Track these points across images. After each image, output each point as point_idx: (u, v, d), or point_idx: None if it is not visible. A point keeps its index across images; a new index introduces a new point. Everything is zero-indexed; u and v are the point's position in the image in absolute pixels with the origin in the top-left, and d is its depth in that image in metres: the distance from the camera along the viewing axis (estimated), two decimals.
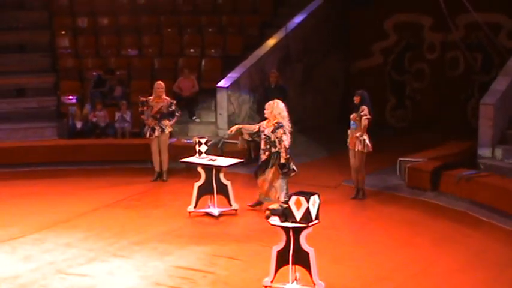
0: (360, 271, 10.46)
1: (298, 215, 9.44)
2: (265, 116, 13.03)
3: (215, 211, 12.88)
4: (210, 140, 13.65)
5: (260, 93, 17.55)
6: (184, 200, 13.32)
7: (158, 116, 14.97)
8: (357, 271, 10.46)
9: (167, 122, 15.06)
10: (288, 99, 16.74)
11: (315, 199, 9.46)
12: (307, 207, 9.38)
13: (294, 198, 9.44)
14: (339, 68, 20.34)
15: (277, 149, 12.76)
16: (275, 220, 9.56)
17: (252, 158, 16.34)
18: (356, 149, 13.50)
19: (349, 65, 20.43)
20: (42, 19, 20.51)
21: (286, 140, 12.72)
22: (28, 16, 20.46)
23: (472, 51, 18.51)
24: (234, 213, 12.97)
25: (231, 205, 13.03)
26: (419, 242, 11.62)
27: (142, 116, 15.24)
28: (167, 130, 15.09)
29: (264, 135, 12.87)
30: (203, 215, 12.89)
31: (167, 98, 15.18)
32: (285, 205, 9.56)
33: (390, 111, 19.99)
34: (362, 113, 13.37)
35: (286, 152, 12.70)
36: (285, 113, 12.96)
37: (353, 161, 13.67)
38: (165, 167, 15.17)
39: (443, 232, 12.08)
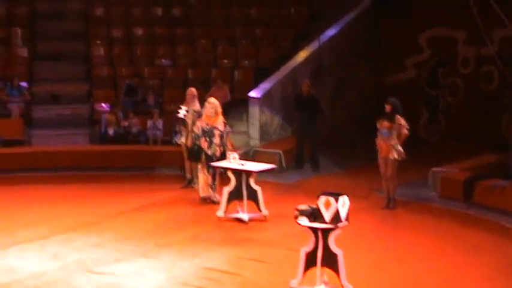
0: (388, 276, 10.21)
1: (327, 215, 9.23)
2: (210, 114, 13.56)
3: (245, 216, 12.69)
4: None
5: (292, 103, 17.35)
6: (214, 205, 13.18)
7: (184, 123, 14.81)
8: (385, 276, 10.21)
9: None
10: (320, 110, 16.67)
11: (344, 200, 9.26)
12: (337, 208, 9.18)
13: (323, 198, 9.23)
14: (371, 82, 20.15)
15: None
16: (303, 220, 9.34)
17: (283, 167, 16.26)
18: (391, 157, 13.23)
19: (381, 79, 20.20)
20: (78, 29, 20.58)
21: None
22: (65, 26, 20.54)
23: (506, 66, 18.21)
24: (263, 219, 12.78)
25: (260, 211, 12.83)
26: (450, 250, 11.34)
27: (181, 116, 14.92)
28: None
29: (219, 131, 13.48)
30: (232, 220, 12.70)
31: (197, 105, 14.99)
32: (314, 206, 9.35)
33: (423, 126, 19.70)
34: (401, 123, 13.17)
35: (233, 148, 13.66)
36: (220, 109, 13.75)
37: (385, 169, 13.42)
38: (195, 173, 14.98)
39: (474, 241, 11.79)
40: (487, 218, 12.93)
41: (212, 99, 13.77)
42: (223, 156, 13.35)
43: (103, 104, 18.48)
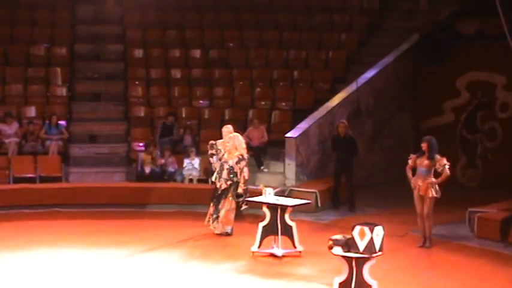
0: None
1: (361, 245, 9.36)
2: (226, 148, 13.97)
3: (279, 252, 12.81)
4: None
5: (328, 144, 17.53)
6: (249, 242, 13.31)
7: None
8: None
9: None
10: (358, 151, 16.83)
11: (379, 230, 9.39)
12: (371, 238, 9.31)
13: (357, 228, 9.37)
14: (409, 125, 20.30)
15: (236, 180, 13.83)
16: (337, 250, 9.46)
17: (319, 207, 16.40)
18: (429, 195, 13.32)
19: (420, 123, 20.32)
20: (117, 70, 21.04)
21: (246, 172, 14.05)
22: (104, 67, 21.06)
23: None
24: (298, 255, 12.89)
25: (295, 247, 12.95)
26: (486, 287, 11.34)
27: (210, 159, 15.28)
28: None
29: (228, 165, 13.82)
30: (267, 255, 12.84)
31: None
32: (348, 236, 9.47)
33: (461, 170, 19.73)
34: (444, 163, 13.29)
35: (245, 183, 13.98)
36: (244, 145, 14.13)
37: (421, 207, 13.51)
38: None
39: (510, 279, 11.77)
40: None
41: (232, 134, 14.22)
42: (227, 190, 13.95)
43: (140, 143, 18.80)
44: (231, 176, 13.90)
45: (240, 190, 13.93)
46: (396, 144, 19.95)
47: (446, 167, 13.32)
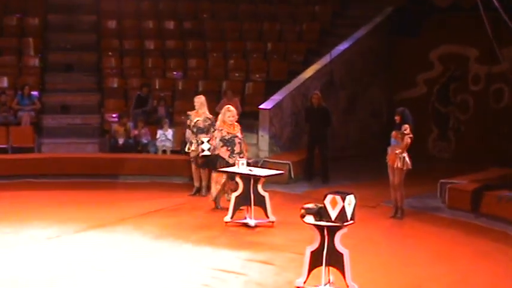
0: (394, 279, 10.29)
1: (333, 214, 9.32)
2: (230, 121, 13.58)
3: (251, 222, 12.80)
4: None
5: (302, 116, 17.50)
6: (222, 212, 13.30)
7: (195, 130, 14.98)
8: (391, 279, 10.29)
9: (203, 136, 15.01)
10: (331, 122, 16.80)
11: (350, 199, 9.35)
12: (343, 207, 9.27)
13: (329, 197, 9.33)
14: (382, 98, 20.30)
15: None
16: (310, 219, 9.44)
17: (292, 178, 16.40)
18: (395, 166, 13.35)
19: (393, 95, 20.34)
20: (90, 41, 20.84)
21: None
22: (77, 38, 20.83)
23: None
24: (270, 225, 12.88)
25: (268, 217, 12.94)
26: (457, 257, 11.41)
27: (184, 130, 15.23)
28: (205, 144, 15.05)
29: (239, 139, 13.59)
30: (239, 225, 12.82)
31: (206, 113, 15.14)
32: (320, 205, 9.45)
33: (433, 142, 19.81)
34: (405, 131, 13.24)
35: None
36: None
37: (392, 178, 13.53)
38: (204, 181, 15.14)
39: (481, 249, 11.86)
40: (495, 228, 13.01)
41: (231, 107, 13.80)
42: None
43: (113, 114, 18.69)
44: (241, 148, 13.63)
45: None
46: (370, 117, 19.96)
47: (407, 134, 13.22)
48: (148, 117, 18.51)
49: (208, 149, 14.11)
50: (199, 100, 15.09)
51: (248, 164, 13.38)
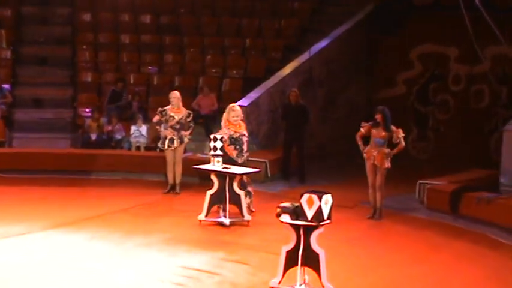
0: (370, 280, 10.17)
1: (309, 213, 9.18)
2: (234, 122, 13.25)
3: (226, 221, 12.64)
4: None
5: (279, 114, 17.35)
6: (196, 210, 13.07)
7: (178, 126, 14.81)
8: (367, 280, 10.17)
9: (185, 132, 14.92)
10: (309, 120, 16.68)
11: (327, 198, 9.21)
12: (319, 206, 9.12)
13: (306, 196, 9.19)
14: (361, 97, 20.22)
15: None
16: (285, 218, 9.30)
17: (268, 177, 16.27)
18: (384, 166, 13.22)
19: (372, 94, 20.26)
20: (65, 34, 20.60)
21: None
22: (52, 31, 20.59)
23: (497, 84, 18.29)
24: (245, 224, 12.72)
25: (243, 216, 12.78)
26: (435, 259, 11.30)
27: (157, 127, 15.07)
28: (186, 140, 14.95)
29: (247, 137, 13.32)
30: (214, 224, 12.66)
31: (184, 108, 15.05)
32: (296, 204, 9.31)
33: (412, 143, 19.71)
34: (401, 135, 13.20)
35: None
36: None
37: (373, 178, 13.39)
38: (178, 179, 15.00)
39: (460, 251, 11.77)
40: (474, 230, 12.92)
41: (236, 107, 13.40)
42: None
43: (86, 109, 18.50)
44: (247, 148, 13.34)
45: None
46: (348, 116, 19.86)
47: (403, 138, 13.20)
48: (122, 112, 18.33)
49: (221, 148, 13.12)
50: (177, 96, 14.95)
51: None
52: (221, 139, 12.99)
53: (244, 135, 13.27)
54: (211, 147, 13.00)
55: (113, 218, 13.04)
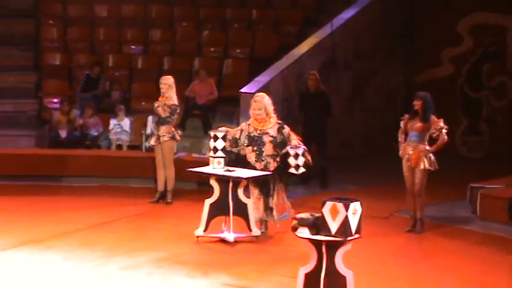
0: None
1: (333, 226, 9.30)
2: (255, 115, 13.18)
3: (230, 236, 12.80)
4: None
5: (295, 103, 17.52)
6: (192, 224, 13.26)
7: (156, 119, 15.07)
8: None
9: (164, 130, 15.14)
10: (332, 110, 16.83)
11: (355, 207, 9.33)
12: (346, 217, 9.25)
13: (329, 204, 9.33)
14: (398, 80, 20.37)
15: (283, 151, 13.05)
16: (304, 232, 9.44)
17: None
18: (421, 167, 13.37)
19: (412, 77, 20.40)
20: (25, 5, 20.77)
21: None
22: (8, 1, 20.72)
23: None
24: (254, 241, 12.87)
25: (250, 230, 12.93)
26: (490, 282, 11.42)
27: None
28: (164, 138, 15.18)
29: (271, 137, 13.08)
30: (215, 241, 12.82)
31: (172, 97, 15.23)
32: (317, 214, 9.46)
33: (461, 137, 19.86)
34: (441, 126, 13.31)
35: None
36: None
37: (411, 182, 13.54)
38: (170, 185, 15.19)
39: None
40: None
41: (258, 97, 13.35)
42: (282, 170, 13.10)
43: (54, 100, 18.69)
44: (277, 150, 13.10)
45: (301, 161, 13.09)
46: (382, 105, 20.02)
47: (444, 130, 13.34)
48: (99, 103, 18.54)
49: (304, 165, 13.07)
50: (168, 82, 15.12)
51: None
52: (224, 137, 13.14)
53: (268, 133, 13.14)
54: (211, 147, 13.17)
55: (90, 234, 13.20)
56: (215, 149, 13.11)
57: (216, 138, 13.15)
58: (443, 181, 15.35)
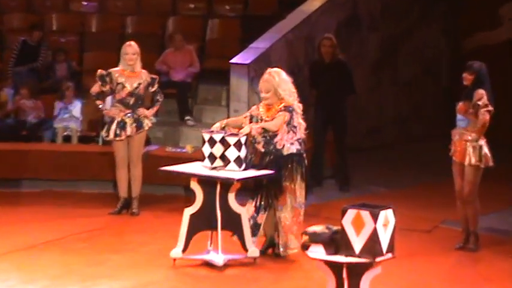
0: None
1: (357, 243, 9.32)
2: (263, 99, 13.09)
3: (218, 258, 12.76)
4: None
5: (305, 77, 17.51)
6: (166, 242, 13.29)
7: (131, 101, 14.99)
8: None
9: (146, 111, 15.06)
10: (354, 86, 16.83)
11: (387, 216, 9.35)
12: (374, 230, 9.27)
13: (351, 213, 9.33)
14: (442, 46, 20.37)
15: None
16: (317, 252, 9.44)
17: None
18: (466, 163, 13.34)
19: (459, 41, 20.42)
20: None
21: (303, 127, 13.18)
22: None
23: None
24: (251, 263, 12.85)
25: (246, 250, 12.90)
26: None
27: (99, 103, 15.22)
28: (146, 125, 15.10)
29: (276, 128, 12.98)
30: (198, 265, 12.79)
31: (145, 71, 15.21)
32: (335, 227, 9.46)
33: None
34: (480, 102, 13.24)
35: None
36: (293, 88, 13.10)
37: (460, 183, 13.51)
38: (136, 190, 15.18)
39: None
40: None
41: (270, 72, 13.13)
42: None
43: None
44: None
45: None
46: (419, 78, 20.03)
47: (480, 103, 13.11)
48: (39, 79, 18.51)
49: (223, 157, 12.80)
50: (132, 49, 15.09)
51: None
52: (222, 140, 12.93)
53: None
54: (206, 154, 13.02)
55: (30, 256, 13.16)
56: (211, 156, 12.93)
57: (212, 141, 12.97)
58: (503, 182, 15.27)
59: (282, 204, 12.97)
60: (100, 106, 15.23)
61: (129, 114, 15.00)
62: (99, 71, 15.24)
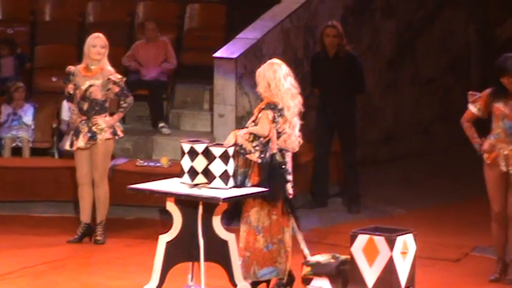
0: None
1: (370, 275, 9.40)
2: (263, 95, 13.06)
3: None
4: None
5: (305, 72, 17.58)
6: (137, 276, 13.41)
7: (85, 106, 15.06)
8: None
9: (102, 121, 15.12)
10: (365, 84, 16.90)
11: (406, 243, 9.42)
12: (391, 259, 9.33)
13: (362, 239, 9.40)
14: (470, 33, 20.48)
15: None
16: (322, 286, 9.51)
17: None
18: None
19: (490, 30, 20.50)
20: None
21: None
22: None
23: None
24: None
25: (235, 285, 12.95)
26: None
27: (70, 104, 15.27)
28: (104, 135, 15.12)
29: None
30: None
31: (110, 69, 15.26)
32: (342, 256, 9.53)
33: None
34: None
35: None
36: (286, 84, 13.02)
37: (501, 200, 13.51)
38: (101, 214, 15.22)
39: None
40: None
41: (266, 64, 13.09)
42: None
43: None
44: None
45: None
46: (444, 74, 20.10)
47: None
48: None
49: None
50: (101, 42, 15.15)
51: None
52: (205, 152, 12.86)
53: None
54: (186, 168, 13.01)
55: None
56: (192, 172, 12.90)
57: (194, 153, 12.95)
58: None
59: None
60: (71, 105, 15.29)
61: (83, 122, 15.01)
62: (68, 66, 15.25)
